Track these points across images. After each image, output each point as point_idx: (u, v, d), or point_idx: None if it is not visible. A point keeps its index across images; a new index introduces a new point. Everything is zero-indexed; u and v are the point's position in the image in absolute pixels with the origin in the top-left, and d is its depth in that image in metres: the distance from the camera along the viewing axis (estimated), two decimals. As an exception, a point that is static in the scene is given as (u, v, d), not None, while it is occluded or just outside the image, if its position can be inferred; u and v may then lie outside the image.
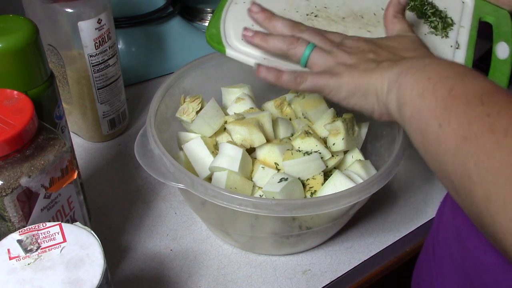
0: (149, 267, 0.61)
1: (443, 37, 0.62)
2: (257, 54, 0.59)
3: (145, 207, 0.68)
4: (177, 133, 0.66)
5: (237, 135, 0.62)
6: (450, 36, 0.62)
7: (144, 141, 0.59)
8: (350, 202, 0.53)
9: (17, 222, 0.46)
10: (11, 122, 0.44)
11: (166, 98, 0.65)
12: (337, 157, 0.63)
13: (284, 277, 0.61)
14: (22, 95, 0.47)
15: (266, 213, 0.52)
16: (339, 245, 0.65)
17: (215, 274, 0.61)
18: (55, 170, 0.47)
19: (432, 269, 0.56)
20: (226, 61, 0.71)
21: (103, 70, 0.69)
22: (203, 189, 0.53)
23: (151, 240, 0.64)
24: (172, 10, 0.88)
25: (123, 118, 0.77)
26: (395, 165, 0.56)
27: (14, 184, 0.44)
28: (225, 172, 0.59)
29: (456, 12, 0.65)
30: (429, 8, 0.64)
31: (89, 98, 0.72)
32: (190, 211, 0.68)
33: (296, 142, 0.62)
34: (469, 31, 0.63)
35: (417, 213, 0.69)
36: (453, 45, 0.62)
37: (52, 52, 0.68)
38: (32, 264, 0.41)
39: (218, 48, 0.61)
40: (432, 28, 0.63)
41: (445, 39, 0.62)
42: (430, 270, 0.56)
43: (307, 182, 0.60)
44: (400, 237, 0.66)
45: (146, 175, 0.71)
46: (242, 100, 0.67)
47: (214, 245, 0.64)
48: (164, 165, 0.55)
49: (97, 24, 0.65)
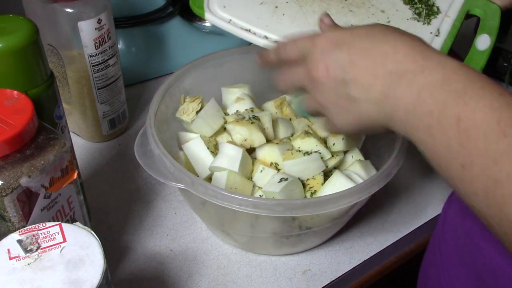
0: (149, 267, 0.61)
1: (425, 23, 0.63)
2: (237, 22, 0.60)
3: (145, 207, 0.68)
4: (177, 133, 0.66)
5: (237, 135, 0.62)
6: (432, 24, 0.63)
7: (144, 141, 0.59)
8: (350, 202, 0.53)
9: (17, 222, 0.46)
10: (11, 122, 0.44)
11: (166, 98, 0.65)
12: (337, 157, 0.63)
13: (284, 277, 0.61)
14: (22, 95, 0.47)
15: (266, 213, 0.52)
16: (339, 245, 0.65)
17: (215, 274, 0.61)
18: (55, 170, 0.47)
19: (439, 270, 0.55)
20: (226, 61, 0.72)
21: (103, 70, 0.69)
22: (203, 189, 0.53)
23: (151, 240, 0.64)
24: (172, 10, 0.88)
25: (123, 118, 0.77)
26: (395, 165, 0.56)
27: (14, 184, 0.44)
28: (225, 172, 0.59)
29: (445, 2, 0.65)
30: None
31: (89, 98, 0.72)
32: (190, 211, 0.68)
33: (296, 142, 0.62)
34: (453, 21, 0.63)
35: (417, 213, 0.69)
36: (433, 32, 0.62)
37: (52, 52, 0.68)
38: (32, 264, 0.41)
39: (198, 12, 0.63)
40: (416, 15, 0.63)
41: (427, 26, 0.63)
42: (438, 271, 0.56)
43: (307, 182, 0.60)
44: (400, 237, 0.66)
45: (146, 175, 0.71)
46: (242, 100, 0.67)
47: (214, 245, 0.64)
48: (164, 165, 0.55)
49: (97, 24, 0.65)
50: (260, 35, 0.60)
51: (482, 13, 0.63)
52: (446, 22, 0.63)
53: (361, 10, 0.62)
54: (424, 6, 0.64)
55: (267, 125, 0.63)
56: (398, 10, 0.63)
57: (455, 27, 0.63)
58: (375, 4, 0.63)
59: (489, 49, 0.61)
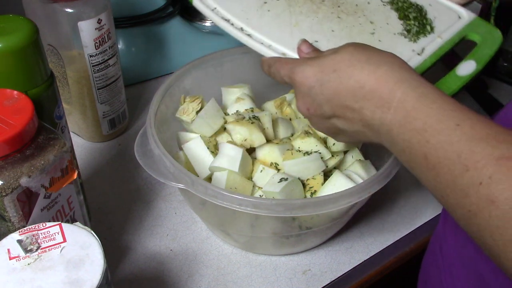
0: (149, 267, 0.61)
1: (411, 41, 0.61)
2: (220, 11, 0.60)
3: (145, 207, 0.68)
4: (177, 133, 0.66)
5: (237, 135, 0.62)
6: (418, 42, 0.61)
7: (144, 141, 0.59)
8: (350, 202, 0.53)
9: (17, 222, 0.46)
10: (11, 122, 0.44)
11: (166, 98, 0.65)
12: (337, 157, 0.63)
13: (284, 277, 0.61)
14: (22, 95, 0.47)
15: (266, 213, 0.52)
16: (339, 245, 0.65)
17: (215, 274, 0.61)
18: (55, 170, 0.47)
19: (440, 270, 0.55)
20: (226, 61, 0.72)
21: (103, 70, 0.69)
22: (203, 189, 0.53)
23: (151, 240, 0.64)
24: (172, 10, 0.88)
25: (123, 118, 0.77)
26: (395, 165, 0.56)
27: (14, 184, 0.44)
28: (225, 172, 0.59)
29: (443, 23, 0.63)
30: (413, 12, 0.63)
31: (89, 98, 0.72)
32: (190, 211, 0.68)
33: (296, 142, 0.62)
34: (442, 43, 0.61)
35: (417, 213, 0.69)
36: (416, 50, 0.60)
37: (52, 52, 0.68)
38: (32, 264, 0.41)
39: None
40: (405, 31, 0.61)
41: (412, 43, 0.61)
42: (439, 271, 0.56)
43: (307, 182, 0.60)
44: (400, 237, 0.66)
45: (146, 175, 0.71)
46: (242, 100, 0.67)
47: (214, 245, 0.64)
48: (164, 165, 0.55)
49: (97, 24, 0.65)
50: (237, 27, 0.60)
51: (480, 39, 0.60)
52: (436, 42, 0.61)
53: (349, 18, 0.61)
54: (418, 24, 0.62)
55: (267, 125, 0.63)
56: (388, 23, 0.61)
57: (442, 49, 0.60)
58: (367, 15, 0.62)
59: (470, 76, 0.57)
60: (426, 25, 0.62)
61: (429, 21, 0.63)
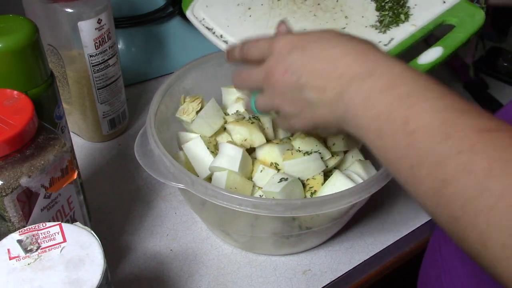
0: (149, 267, 0.61)
1: (381, 32, 0.60)
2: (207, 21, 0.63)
3: (145, 207, 0.68)
4: (177, 133, 0.66)
5: (237, 135, 0.62)
6: (388, 33, 0.60)
7: (144, 141, 0.59)
8: (350, 202, 0.53)
9: (17, 222, 0.46)
10: (11, 122, 0.44)
11: (166, 98, 0.65)
12: (337, 157, 0.63)
13: (284, 277, 0.61)
14: (22, 95, 0.47)
15: (266, 213, 0.52)
16: (339, 245, 0.65)
17: (215, 274, 0.61)
18: (55, 170, 0.47)
19: (440, 270, 0.55)
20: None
21: (103, 70, 0.69)
22: (203, 189, 0.53)
23: (151, 240, 0.64)
24: (172, 10, 0.88)
25: (123, 118, 0.77)
26: (395, 165, 0.56)
27: (14, 184, 0.44)
28: (225, 172, 0.59)
29: (423, 10, 0.61)
30: (389, 2, 0.62)
31: (89, 98, 0.72)
32: (190, 211, 0.68)
33: (296, 142, 0.62)
34: (414, 31, 0.60)
35: (417, 213, 0.69)
36: (383, 41, 0.59)
37: (52, 52, 0.68)
38: (32, 264, 0.41)
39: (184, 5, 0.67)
40: (378, 22, 0.61)
41: (382, 34, 0.60)
42: (439, 271, 0.56)
43: (307, 182, 0.60)
44: (400, 237, 0.66)
45: (146, 175, 0.71)
46: (242, 100, 0.67)
47: (214, 245, 0.64)
48: (164, 165, 0.55)
49: (97, 24, 0.65)
50: (218, 34, 0.60)
51: (458, 23, 0.58)
52: (406, 31, 0.59)
53: (326, 15, 0.60)
54: (392, 14, 0.61)
55: (267, 125, 0.63)
56: (364, 16, 0.60)
57: (412, 37, 0.59)
58: (345, 10, 0.61)
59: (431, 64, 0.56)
60: (401, 14, 0.61)
61: (406, 9, 0.62)
